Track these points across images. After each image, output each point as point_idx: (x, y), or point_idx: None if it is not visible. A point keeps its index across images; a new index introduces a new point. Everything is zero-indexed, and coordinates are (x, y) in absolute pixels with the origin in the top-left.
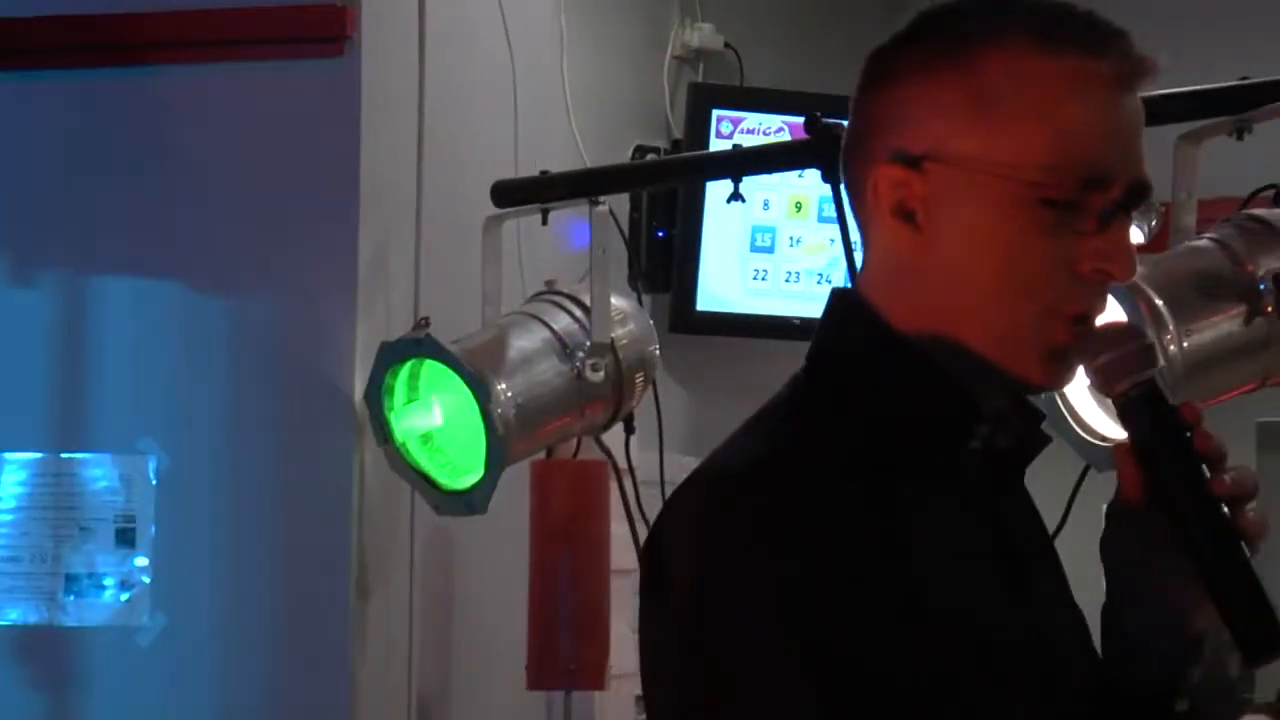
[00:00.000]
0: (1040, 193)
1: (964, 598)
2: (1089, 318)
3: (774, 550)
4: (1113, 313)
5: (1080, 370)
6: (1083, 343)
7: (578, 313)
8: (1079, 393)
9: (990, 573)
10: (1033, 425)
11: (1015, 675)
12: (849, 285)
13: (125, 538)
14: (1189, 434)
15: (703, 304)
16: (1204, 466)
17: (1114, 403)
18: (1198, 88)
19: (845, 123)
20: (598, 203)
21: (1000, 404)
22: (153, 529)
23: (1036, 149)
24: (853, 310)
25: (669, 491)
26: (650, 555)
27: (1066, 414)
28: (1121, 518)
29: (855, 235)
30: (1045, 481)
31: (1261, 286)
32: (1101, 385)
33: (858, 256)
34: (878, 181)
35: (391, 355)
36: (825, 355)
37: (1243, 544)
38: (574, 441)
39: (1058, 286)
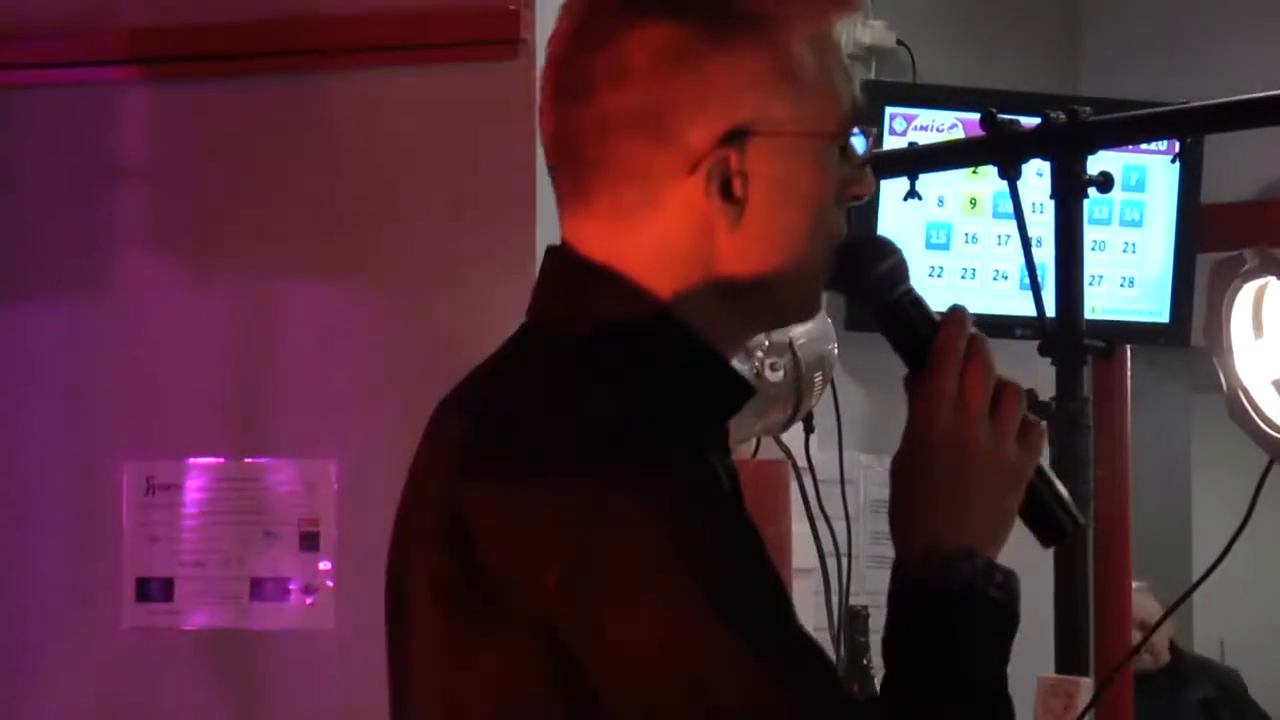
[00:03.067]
0: (836, 141)
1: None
2: None
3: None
4: None
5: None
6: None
7: None
8: (1262, 386)
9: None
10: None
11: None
12: (566, 251)
13: (309, 542)
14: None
15: None
16: None
17: (885, 310)
18: None
19: (1021, 119)
20: None
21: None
22: (336, 533)
23: (836, 101)
24: (622, 290)
25: (848, 489)
26: (456, 543)
27: (1250, 408)
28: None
29: (1031, 227)
30: (1238, 479)
31: None
32: (876, 293)
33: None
34: (681, 163)
35: None
36: (602, 337)
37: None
38: (753, 441)
39: (841, 222)
